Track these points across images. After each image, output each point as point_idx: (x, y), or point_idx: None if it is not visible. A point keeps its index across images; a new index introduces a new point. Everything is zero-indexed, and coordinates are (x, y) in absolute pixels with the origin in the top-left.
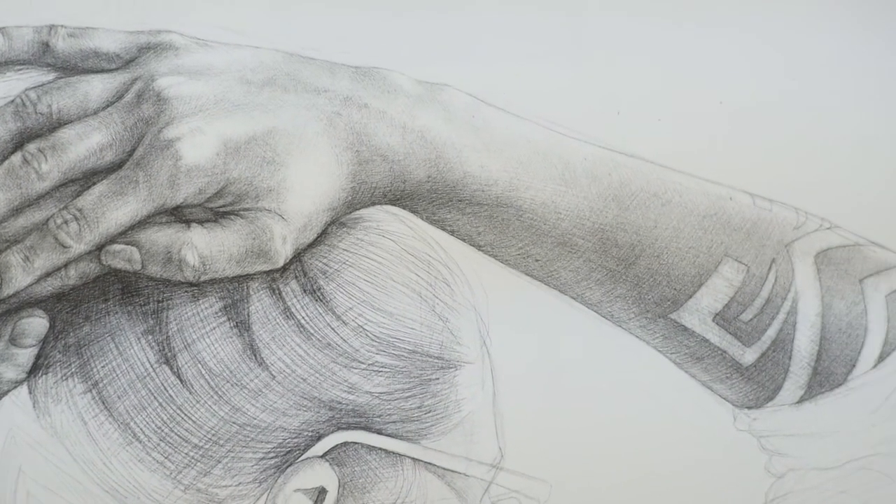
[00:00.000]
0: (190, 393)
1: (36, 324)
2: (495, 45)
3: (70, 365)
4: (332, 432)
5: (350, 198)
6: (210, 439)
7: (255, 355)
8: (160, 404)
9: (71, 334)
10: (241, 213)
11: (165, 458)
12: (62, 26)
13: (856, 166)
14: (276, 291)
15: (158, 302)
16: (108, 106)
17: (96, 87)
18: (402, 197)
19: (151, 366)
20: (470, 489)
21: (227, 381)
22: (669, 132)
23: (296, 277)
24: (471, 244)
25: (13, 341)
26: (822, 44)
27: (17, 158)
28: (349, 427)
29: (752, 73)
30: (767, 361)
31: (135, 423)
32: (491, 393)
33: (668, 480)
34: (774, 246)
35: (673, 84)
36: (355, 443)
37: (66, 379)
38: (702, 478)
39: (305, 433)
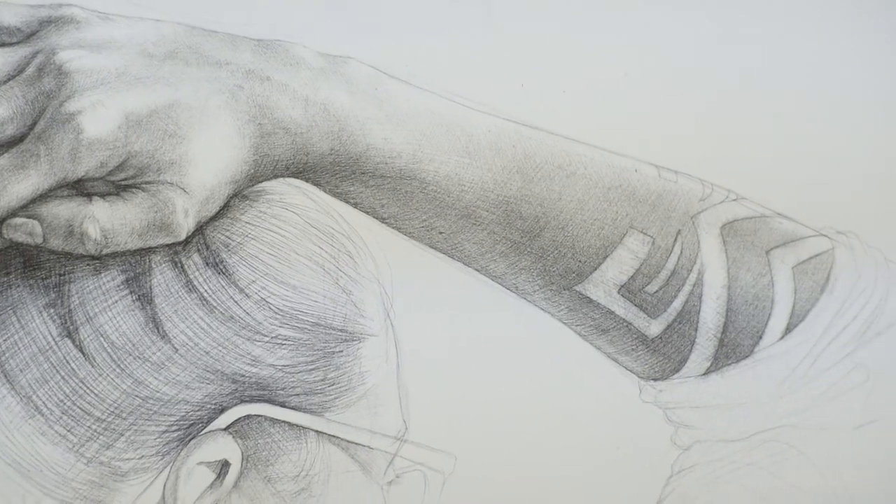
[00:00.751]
0: (92, 366)
1: None
2: (399, 17)
3: None
4: (236, 405)
5: (252, 171)
6: (113, 412)
7: (157, 328)
8: (62, 378)
9: None
10: (143, 186)
11: (68, 431)
12: None
13: (761, 138)
14: (179, 264)
15: (60, 275)
16: (8, 80)
17: None
18: (305, 170)
19: (53, 339)
20: (374, 462)
21: (130, 355)
22: (574, 104)
23: (198, 250)
24: (374, 217)
25: None
26: (726, 16)
27: None
28: (252, 400)
29: (657, 44)
30: (673, 333)
31: (37, 396)
32: (395, 365)
33: (574, 452)
34: (680, 217)
35: (577, 56)
36: (259, 416)
37: None
38: (607, 450)
39: (208, 406)
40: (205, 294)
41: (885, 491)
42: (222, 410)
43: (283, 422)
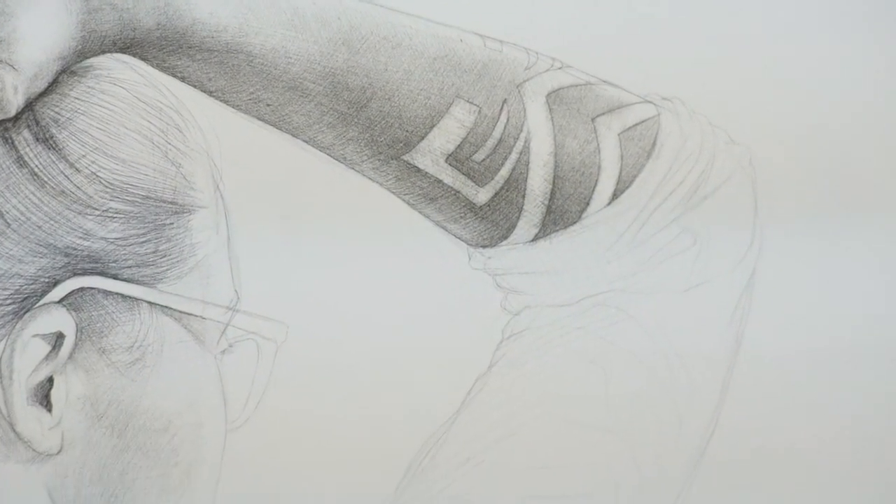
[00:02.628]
0: None
1: None
2: None
3: None
4: (69, 278)
5: (80, 46)
6: None
7: None
8: None
9: None
10: None
11: None
12: None
13: (585, 5)
14: (9, 141)
15: None
16: None
17: None
18: (133, 45)
19: None
20: (207, 332)
21: None
22: None
23: (28, 126)
24: (202, 90)
25: None
26: None
27: None
28: (85, 273)
29: None
30: (501, 201)
31: None
32: (225, 237)
33: (404, 320)
34: (506, 87)
35: None
36: (92, 288)
37: None
38: (438, 317)
39: (42, 279)
40: (35, 169)
41: (713, 352)
42: (55, 284)
43: (116, 294)
